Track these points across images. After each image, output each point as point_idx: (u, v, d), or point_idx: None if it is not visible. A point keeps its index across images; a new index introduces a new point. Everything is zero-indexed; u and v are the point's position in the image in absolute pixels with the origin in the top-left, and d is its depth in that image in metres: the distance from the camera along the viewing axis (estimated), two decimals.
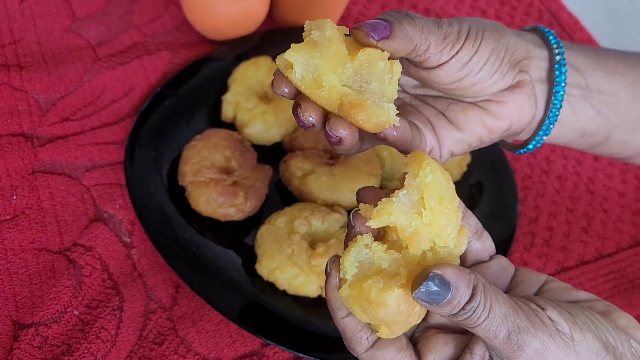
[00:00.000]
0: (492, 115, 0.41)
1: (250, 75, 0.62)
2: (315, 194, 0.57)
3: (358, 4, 0.79)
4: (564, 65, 0.41)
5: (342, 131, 0.34)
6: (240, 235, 0.56)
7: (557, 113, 0.42)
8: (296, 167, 0.58)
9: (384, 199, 0.32)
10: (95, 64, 0.64)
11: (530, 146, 0.44)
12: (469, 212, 0.35)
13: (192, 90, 0.63)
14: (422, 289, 0.30)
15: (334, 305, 0.33)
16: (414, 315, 0.32)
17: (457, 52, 0.38)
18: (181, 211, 0.55)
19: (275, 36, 0.69)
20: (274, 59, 0.65)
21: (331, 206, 0.57)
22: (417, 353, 0.34)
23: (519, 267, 0.37)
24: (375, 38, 0.34)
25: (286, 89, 0.34)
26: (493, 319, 0.31)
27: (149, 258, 0.54)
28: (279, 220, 0.54)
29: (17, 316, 0.48)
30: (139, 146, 0.58)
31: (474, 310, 0.30)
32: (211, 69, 0.65)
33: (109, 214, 0.55)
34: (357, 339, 0.33)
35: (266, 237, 0.53)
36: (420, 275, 0.30)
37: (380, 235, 0.33)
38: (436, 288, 0.30)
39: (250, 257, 0.54)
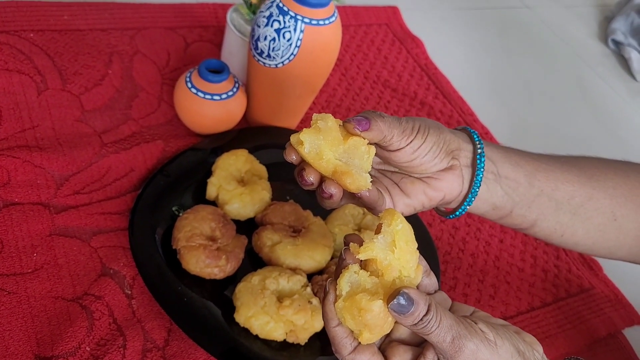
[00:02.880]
0: (432, 187, 0.54)
1: (230, 164, 0.78)
2: (281, 259, 0.71)
3: (314, 108, 0.97)
4: (483, 156, 0.55)
5: (333, 189, 0.48)
6: (221, 290, 0.69)
7: (477, 190, 0.55)
8: (267, 238, 0.73)
9: (367, 240, 0.44)
10: (101, 148, 0.77)
11: (457, 213, 0.58)
12: (421, 256, 0.49)
13: (182, 173, 0.77)
14: (394, 302, 0.41)
15: (329, 316, 0.44)
16: (387, 324, 0.43)
17: (411, 141, 0.51)
18: (174, 269, 0.68)
19: (249, 133, 0.86)
20: (249, 151, 0.81)
21: (294, 270, 0.71)
22: (385, 358, 0.45)
23: (455, 302, 0.51)
24: (359, 129, 0.48)
25: (294, 157, 0.48)
26: (442, 328, 0.42)
27: (146, 307, 0.65)
28: (254, 279, 0.68)
29: (38, 350, 0.59)
30: (139, 216, 0.71)
31: (429, 321, 0.42)
32: (197, 156, 0.80)
33: (114, 270, 0.67)
34: (343, 344, 0.44)
35: (243, 292, 0.67)
36: (394, 293, 0.42)
37: (363, 265, 0.45)
38: (404, 302, 0.41)
39: (229, 308, 0.67)
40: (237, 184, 0.76)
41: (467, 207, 0.58)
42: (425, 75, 1.13)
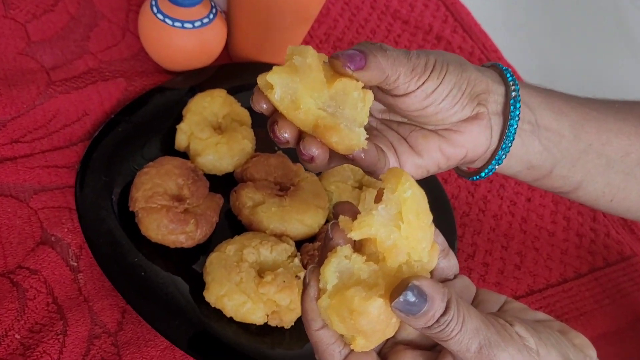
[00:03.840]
0: (451, 143, 0.44)
1: (205, 106, 0.64)
2: (264, 223, 0.59)
3: (310, 42, 0.82)
4: (519, 101, 0.44)
5: (314, 150, 0.36)
6: (189, 262, 0.57)
7: (509, 145, 0.45)
8: (247, 197, 0.60)
9: (363, 212, 0.33)
10: (48, 87, 0.64)
11: (483, 174, 0.47)
12: (437, 231, 0.37)
13: (146, 118, 0.64)
14: (400, 299, 0.31)
15: (309, 316, 0.34)
16: (390, 326, 0.32)
17: (423, 83, 0.40)
18: (131, 236, 0.56)
19: (230, 70, 0.72)
20: (228, 91, 0.67)
21: (279, 236, 0.59)
22: None
23: (480, 287, 0.39)
24: (351, 68, 0.37)
25: (264, 106, 0.37)
26: (465, 332, 0.32)
27: (96, 283, 0.53)
28: (229, 249, 0.55)
29: None
30: (91, 171, 0.58)
31: (448, 323, 0.31)
32: (166, 98, 0.66)
33: (56, 238, 0.55)
34: (330, 352, 0.34)
35: (215, 265, 0.54)
36: (399, 286, 0.31)
37: (357, 247, 0.34)
38: (414, 299, 0.31)
39: (198, 284, 0.55)
40: (212, 132, 0.63)
41: (496, 166, 0.47)
42: (442, 5, 0.97)
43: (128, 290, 0.52)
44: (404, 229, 0.32)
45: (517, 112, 0.45)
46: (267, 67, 0.73)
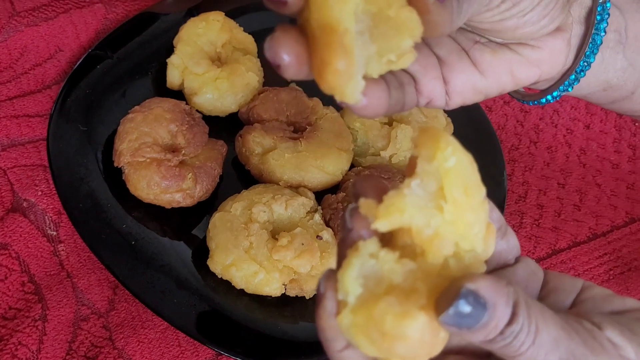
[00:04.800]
0: (525, 62, 0.35)
1: (199, 34, 0.53)
2: (277, 173, 0.49)
3: None
4: (609, 2, 0.35)
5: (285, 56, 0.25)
6: (189, 225, 0.48)
7: (590, 62, 0.36)
8: (255, 143, 0.50)
9: (391, 192, 0.25)
10: (12, 19, 0.54)
11: (550, 97, 0.38)
12: (491, 204, 0.27)
13: (131, 52, 0.54)
14: (450, 312, 0.23)
15: (328, 335, 0.26)
16: (437, 344, 0.25)
17: None
18: (118, 198, 0.47)
19: None
20: (229, 14, 0.56)
21: (296, 188, 0.49)
22: None
23: (548, 270, 0.30)
24: None
25: None
26: (540, 345, 0.24)
27: (80, 255, 0.45)
28: (235, 207, 0.46)
29: None
30: (67, 120, 0.49)
31: (516, 335, 0.24)
32: (154, 26, 0.56)
33: (29, 203, 0.46)
34: None
35: (220, 228, 0.45)
36: (448, 293, 0.23)
37: (386, 239, 0.26)
38: (469, 309, 0.23)
39: (201, 251, 0.46)
40: (210, 65, 0.53)
41: (569, 89, 0.37)
42: None
43: (117, 263, 0.44)
44: (449, 211, 0.25)
45: (606, 20, 0.34)
46: None
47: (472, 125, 0.60)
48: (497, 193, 0.56)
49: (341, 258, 0.25)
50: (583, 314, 0.27)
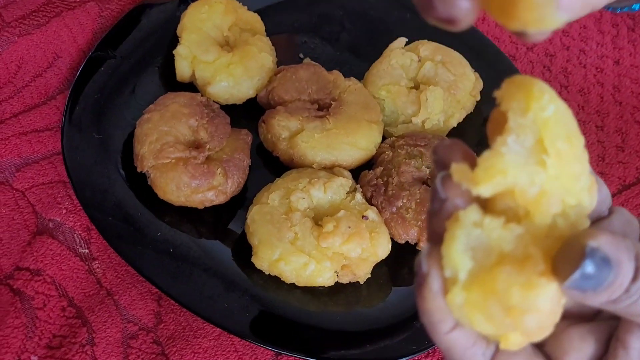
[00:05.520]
0: None
1: (203, 19, 0.50)
2: (308, 156, 0.46)
3: None
4: None
5: None
6: (223, 222, 0.45)
7: None
8: (280, 127, 0.47)
9: (486, 153, 0.22)
10: (2, 31, 0.50)
11: None
12: (595, 190, 0.25)
13: (133, 48, 0.51)
14: (576, 276, 0.21)
15: (435, 317, 0.24)
16: (559, 313, 0.23)
17: None
18: (147, 205, 0.44)
19: None
20: None
21: (330, 169, 0.47)
22: (548, 358, 0.26)
23: (614, 207, 0.27)
24: None
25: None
26: None
27: (117, 270, 0.43)
28: (272, 197, 0.43)
29: None
30: (79, 129, 0.46)
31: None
32: (153, 17, 0.53)
33: (55, 223, 0.43)
34: (470, 357, 0.25)
35: (260, 222, 0.42)
36: (569, 255, 0.21)
37: (484, 206, 0.24)
38: (594, 270, 0.21)
39: (242, 248, 0.43)
40: (219, 50, 0.49)
41: None
42: None
43: (158, 273, 0.41)
44: (553, 165, 0.22)
45: None
46: None
47: (500, 78, 0.56)
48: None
49: (435, 232, 0.23)
50: None
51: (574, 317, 0.27)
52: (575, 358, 0.25)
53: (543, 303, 0.21)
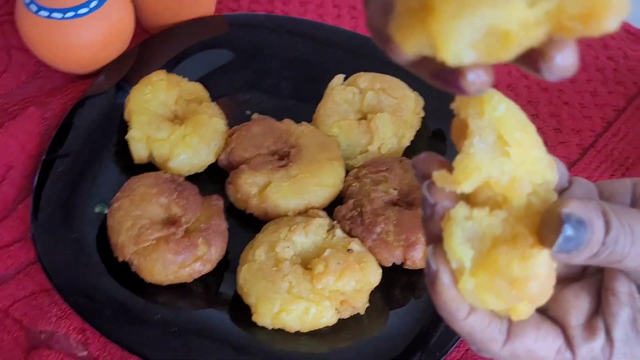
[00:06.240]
0: None
1: (149, 99, 0.51)
2: (282, 206, 0.48)
3: None
4: None
5: (573, 58, 0.23)
6: (215, 288, 0.46)
7: None
8: (248, 184, 0.48)
9: (459, 157, 0.26)
10: None
11: None
12: (555, 166, 0.29)
13: (84, 143, 0.51)
14: (560, 240, 0.24)
15: (452, 307, 0.27)
16: (554, 276, 0.27)
17: None
18: (137, 292, 0.44)
19: (156, 44, 0.58)
20: (168, 69, 0.54)
21: (305, 212, 0.48)
22: (553, 320, 0.29)
23: (598, 182, 0.31)
24: None
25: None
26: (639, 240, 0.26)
27: None
28: (258, 254, 0.44)
29: None
30: (50, 234, 0.45)
31: (616, 241, 0.25)
32: (97, 109, 0.53)
33: (47, 333, 0.42)
34: (490, 336, 0.28)
35: (252, 280, 0.43)
36: (549, 224, 0.25)
37: (469, 201, 0.27)
38: (574, 232, 0.25)
39: (240, 310, 0.44)
40: (171, 125, 0.50)
41: None
42: None
43: (167, 357, 0.41)
44: (515, 154, 0.26)
45: None
46: (197, 22, 0.60)
47: (436, 91, 0.59)
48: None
49: (434, 234, 0.26)
50: None
51: (565, 281, 0.30)
52: (575, 314, 0.28)
53: (540, 268, 0.25)
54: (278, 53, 0.59)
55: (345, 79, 0.56)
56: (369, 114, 0.54)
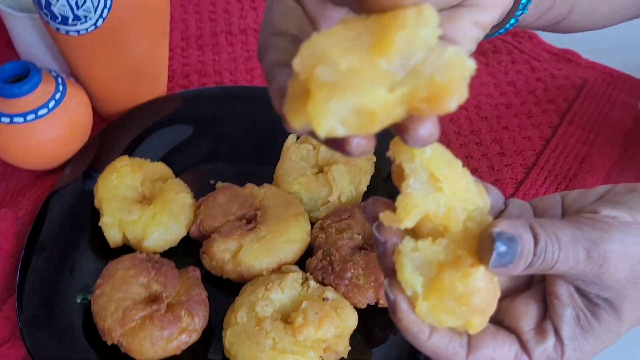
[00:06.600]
0: (483, 9, 0.37)
1: (116, 185, 0.53)
2: (256, 267, 0.50)
3: (175, 56, 0.72)
4: None
5: (431, 129, 0.26)
6: (203, 355, 0.48)
7: None
8: (221, 252, 0.51)
9: (399, 197, 0.29)
10: None
11: (509, 25, 0.41)
12: (485, 193, 0.33)
13: (58, 236, 0.53)
14: (494, 257, 0.28)
15: (414, 330, 0.30)
16: (496, 288, 0.30)
17: None
18: None
19: (114, 131, 0.61)
20: (130, 153, 0.57)
21: (279, 270, 0.51)
22: (509, 329, 0.32)
23: (532, 200, 0.35)
24: None
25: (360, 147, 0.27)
26: (566, 247, 0.29)
27: None
28: (240, 316, 0.47)
29: None
30: (37, 328, 0.47)
31: (546, 250, 0.29)
32: (67, 201, 0.55)
33: None
34: (453, 351, 0.31)
35: (237, 342, 0.45)
36: (483, 245, 0.29)
37: (413, 235, 0.31)
38: (505, 248, 0.28)
39: None
40: (141, 206, 0.53)
41: (524, 12, 0.41)
42: None
43: None
44: (447, 187, 0.30)
45: None
46: (150, 105, 0.63)
47: (384, 134, 0.63)
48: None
49: (388, 268, 0.30)
50: (577, 213, 0.32)
51: (515, 292, 0.33)
52: (526, 320, 0.32)
53: (478, 282, 0.28)
54: (232, 121, 0.62)
55: (298, 137, 0.59)
56: (325, 166, 0.57)
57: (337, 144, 0.27)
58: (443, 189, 0.29)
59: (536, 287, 0.33)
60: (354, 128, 0.25)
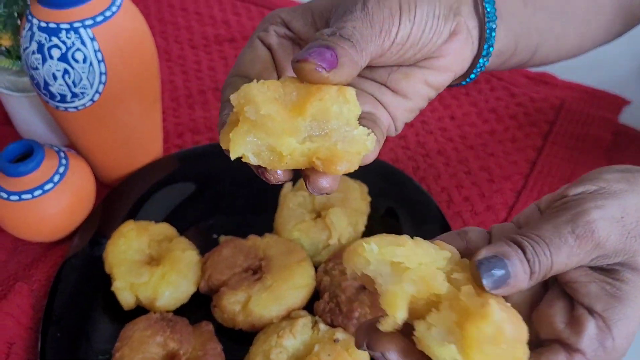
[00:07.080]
0: (435, 71, 0.39)
1: (124, 250, 0.55)
2: (266, 316, 0.52)
3: (169, 116, 0.75)
4: None
5: (325, 184, 0.32)
6: None
7: (492, 43, 0.41)
8: (231, 304, 0.53)
9: (380, 298, 0.31)
10: None
11: (473, 75, 0.43)
12: (444, 244, 0.33)
13: (74, 303, 0.55)
14: (489, 281, 0.29)
15: None
16: (516, 313, 0.30)
17: (396, 34, 0.35)
18: None
19: (116, 197, 0.63)
20: (134, 217, 0.59)
21: (288, 316, 0.52)
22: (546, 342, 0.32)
23: (512, 218, 0.37)
24: (326, 69, 0.31)
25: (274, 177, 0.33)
26: (552, 238, 0.30)
27: None
28: None
29: None
30: None
31: (538, 255, 0.30)
32: (79, 269, 0.57)
33: None
34: None
35: None
36: (476, 277, 0.30)
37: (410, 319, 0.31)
38: (494, 268, 0.30)
39: None
40: (150, 268, 0.55)
41: (482, 69, 0.43)
42: None
43: None
44: (410, 263, 0.31)
45: (493, 8, 0.40)
46: (147, 169, 0.65)
47: (382, 177, 0.65)
48: (434, 216, 0.60)
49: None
50: (549, 207, 0.34)
51: (535, 302, 0.34)
52: (557, 318, 0.31)
53: (499, 314, 0.29)
54: (229, 175, 0.65)
55: (294, 185, 0.62)
56: (322, 211, 0.60)
57: (260, 171, 0.32)
58: (408, 267, 0.31)
59: (552, 288, 0.33)
60: (265, 161, 0.31)
